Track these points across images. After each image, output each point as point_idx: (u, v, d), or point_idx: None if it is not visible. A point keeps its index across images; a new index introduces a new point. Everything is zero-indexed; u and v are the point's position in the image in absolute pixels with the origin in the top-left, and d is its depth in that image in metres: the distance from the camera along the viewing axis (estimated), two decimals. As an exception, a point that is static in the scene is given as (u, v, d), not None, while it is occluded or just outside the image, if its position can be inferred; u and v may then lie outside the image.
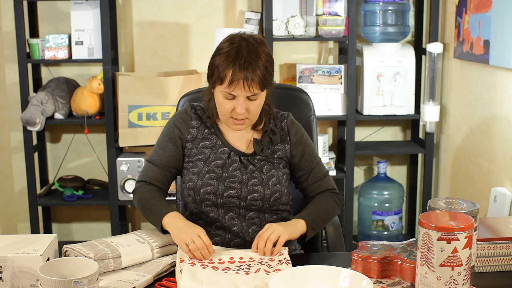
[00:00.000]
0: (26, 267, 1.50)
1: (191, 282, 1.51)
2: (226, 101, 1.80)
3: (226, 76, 1.76)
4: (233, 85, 1.76)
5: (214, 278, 1.54)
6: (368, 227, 3.63)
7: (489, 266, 1.65)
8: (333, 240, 2.06)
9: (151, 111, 3.36)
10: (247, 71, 1.74)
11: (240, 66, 1.74)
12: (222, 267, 1.60)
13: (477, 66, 3.02)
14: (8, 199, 3.73)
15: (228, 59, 1.76)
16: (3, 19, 3.56)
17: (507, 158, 2.74)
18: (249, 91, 1.77)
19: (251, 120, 1.85)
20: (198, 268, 1.59)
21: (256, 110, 1.83)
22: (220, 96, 1.81)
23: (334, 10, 3.43)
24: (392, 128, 3.81)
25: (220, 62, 1.78)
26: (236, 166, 1.86)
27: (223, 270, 1.59)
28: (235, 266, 1.62)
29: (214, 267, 1.60)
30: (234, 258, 1.66)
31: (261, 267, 1.60)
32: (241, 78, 1.74)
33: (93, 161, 3.73)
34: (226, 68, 1.76)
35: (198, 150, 1.88)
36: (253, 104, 1.81)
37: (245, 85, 1.75)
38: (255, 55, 1.77)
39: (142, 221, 3.82)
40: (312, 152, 1.95)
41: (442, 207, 1.52)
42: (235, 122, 1.83)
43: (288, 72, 3.67)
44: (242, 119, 1.82)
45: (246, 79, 1.74)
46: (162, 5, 3.59)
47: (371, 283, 1.42)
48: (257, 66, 1.76)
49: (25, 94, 3.35)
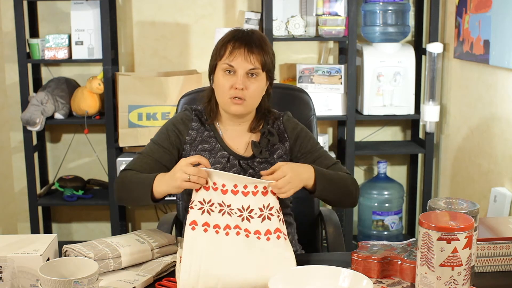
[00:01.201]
0: (26, 267, 1.50)
1: (188, 276, 1.51)
2: (226, 77, 1.80)
3: (226, 49, 1.80)
4: (233, 54, 1.78)
5: (213, 263, 1.52)
6: (368, 227, 3.63)
7: (489, 266, 1.65)
8: (333, 240, 2.06)
9: (151, 111, 3.36)
10: (248, 42, 1.79)
11: (240, 37, 1.80)
12: (224, 225, 1.57)
13: (477, 66, 3.02)
14: (8, 199, 3.73)
15: (228, 36, 1.82)
16: (3, 19, 3.56)
17: (507, 158, 2.74)
18: (249, 62, 1.78)
19: (249, 103, 1.82)
20: (199, 234, 1.56)
21: (254, 92, 1.81)
22: (220, 75, 1.81)
23: (334, 10, 3.43)
24: (392, 128, 3.81)
25: (220, 41, 1.84)
26: (236, 170, 1.85)
27: (225, 231, 1.56)
28: (236, 217, 1.58)
29: (216, 227, 1.57)
30: (238, 187, 1.60)
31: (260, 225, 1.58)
32: (241, 47, 1.78)
33: (93, 161, 3.73)
34: (227, 43, 1.81)
35: (196, 153, 1.87)
36: (253, 84, 1.80)
37: (246, 55, 1.77)
38: (257, 36, 1.83)
39: (142, 221, 3.82)
40: (314, 143, 1.92)
41: (442, 207, 1.52)
42: (234, 101, 1.80)
43: (288, 72, 3.67)
44: (241, 98, 1.79)
45: (248, 49, 1.78)
46: (162, 5, 3.59)
47: (371, 283, 1.42)
48: (258, 42, 1.81)
49: (25, 94, 3.35)
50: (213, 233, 1.56)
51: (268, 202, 1.60)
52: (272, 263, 1.54)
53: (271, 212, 1.60)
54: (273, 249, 1.56)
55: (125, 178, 1.80)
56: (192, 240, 1.55)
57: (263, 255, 1.55)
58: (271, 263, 1.54)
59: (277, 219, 1.60)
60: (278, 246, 1.57)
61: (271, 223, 1.58)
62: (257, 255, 1.54)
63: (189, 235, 1.55)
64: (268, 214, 1.59)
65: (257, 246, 1.56)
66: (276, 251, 1.56)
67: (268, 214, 1.59)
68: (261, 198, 1.60)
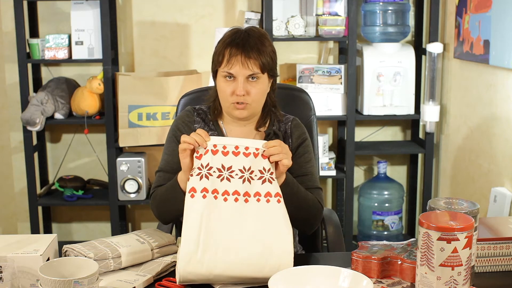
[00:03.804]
0: (26, 267, 1.50)
1: (187, 246, 1.51)
2: (226, 84, 1.79)
3: (224, 56, 1.77)
4: (231, 62, 1.76)
5: (212, 236, 1.53)
6: (368, 227, 3.63)
7: (489, 266, 1.65)
8: (333, 240, 2.05)
9: (151, 111, 3.36)
10: (244, 48, 1.76)
11: (237, 44, 1.77)
12: (222, 191, 1.57)
13: (477, 66, 3.02)
14: (8, 199, 3.74)
15: (226, 41, 1.79)
16: (3, 19, 3.56)
17: (507, 158, 2.74)
18: (247, 69, 1.76)
19: (253, 106, 1.82)
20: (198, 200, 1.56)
21: (257, 96, 1.80)
22: (221, 81, 1.80)
23: (334, 10, 3.43)
24: (392, 128, 3.82)
25: (219, 46, 1.81)
26: None
27: (223, 196, 1.57)
28: (236, 179, 1.58)
29: (214, 192, 1.57)
30: (240, 148, 1.61)
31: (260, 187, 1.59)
32: (238, 54, 1.76)
33: (93, 161, 3.73)
34: (225, 49, 1.78)
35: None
36: (254, 88, 1.79)
37: (244, 62, 1.75)
38: (255, 38, 1.79)
39: (142, 221, 3.82)
40: (309, 159, 1.90)
41: (442, 207, 1.52)
42: (236, 107, 1.80)
43: (288, 72, 3.67)
44: (243, 103, 1.79)
45: (245, 55, 1.75)
46: (162, 5, 3.59)
47: (371, 283, 1.42)
48: (255, 46, 1.77)
49: (25, 94, 3.35)
50: (212, 198, 1.57)
51: (269, 166, 1.61)
52: (268, 231, 1.54)
53: (272, 177, 1.61)
54: (272, 212, 1.57)
55: (156, 196, 1.84)
56: (191, 208, 1.55)
57: (260, 222, 1.55)
58: (268, 231, 1.54)
59: (277, 184, 1.61)
60: (279, 208, 1.58)
61: (271, 186, 1.59)
62: (254, 223, 1.55)
63: (188, 203, 1.56)
64: (269, 177, 1.60)
65: (255, 211, 1.56)
66: (274, 215, 1.57)
67: (269, 177, 1.60)
68: (261, 160, 1.61)
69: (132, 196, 3.42)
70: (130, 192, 3.41)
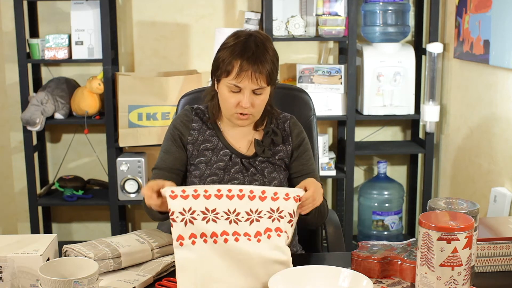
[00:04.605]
0: (26, 267, 1.50)
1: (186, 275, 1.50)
2: (231, 94, 1.77)
3: (233, 68, 1.74)
4: (241, 77, 1.73)
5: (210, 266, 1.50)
6: (368, 227, 3.63)
7: (489, 266, 1.65)
8: (333, 240, 2.05)
9: (151, 111, 3.36)
10: (255, 62, 1.73)
11: (249, 57, 1.73)
12: (210, 233, 1.51)
13: (477, 66, 3.02)
14: (8, 199, 3.74)
15: (235, 51, 1.75)
16: (3, 19, 3.56)
17: (507, 158, 2.74)
18: (256, 84, 1.75)
19: (255, 116, 1.83)
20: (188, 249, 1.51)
21: (260, 106, 1.81)
22: (225, 90, 1.78)
23: (334, 10, 3.43)
24: (392, 128, 3.82)
25: (226, 55, 1.76)
26: (238, 168, 1.85)
27: (212, 238, 1.51)
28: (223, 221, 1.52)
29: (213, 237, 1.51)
30: (233, 190, 1.55)
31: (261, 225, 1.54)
32: (249, 69, 1.73)
33: (93, 161, 3.73)
34: (234, 60, 1.74)
35: (199, 153, 1.87)
36: (258, 99, 1.79)
37: (253, 77, 1.73)
38: (263, 49, 1.76)
39: (142, 221, 3.82)
40: (309, 157, 1.92)
41: (442, 207, 1.52)
42: (240, 117, 1.80)
43: (288, 72, 3.67)
44: (247, 114, 1.79)
45: (255, 71, 1.73)
46: (162, 5, 3.59)
47: (371, 283, 1.42)
48: (265, 59, 1.75)
49: (25, 94, 3.35)
50: (202, 243, 1.51)
51: (257, 207, 1.55)
52: (263, 267, 1.51)
53: (260, 215, 1.55)
54: (265, 250, 1.52)
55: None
56: (183, 258, 1.50)
57: (253, 259, 1.51)
58: (263, 267, 1.51)
59: (268, 219, 1.55)
60: (272, 245, 1.53)
61: (259, 224, 1.54)
62: (248, 260, 1.50)
63: (179, 254, 1.50)
64: (257, 217, 1.55)
65: (247, 249, 1.51)
66: (268, 253, 1.52)
67: (257, 217, 1.55)
68: (248, 202, 1.55)
69: (132, 196, 3.42)
70: (130, 192, 3.41)
